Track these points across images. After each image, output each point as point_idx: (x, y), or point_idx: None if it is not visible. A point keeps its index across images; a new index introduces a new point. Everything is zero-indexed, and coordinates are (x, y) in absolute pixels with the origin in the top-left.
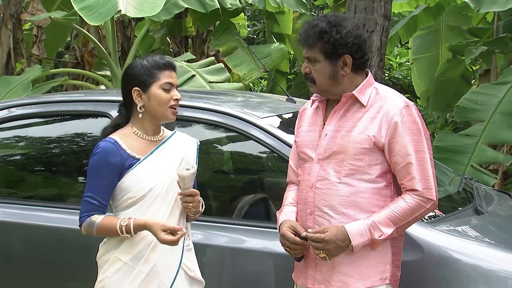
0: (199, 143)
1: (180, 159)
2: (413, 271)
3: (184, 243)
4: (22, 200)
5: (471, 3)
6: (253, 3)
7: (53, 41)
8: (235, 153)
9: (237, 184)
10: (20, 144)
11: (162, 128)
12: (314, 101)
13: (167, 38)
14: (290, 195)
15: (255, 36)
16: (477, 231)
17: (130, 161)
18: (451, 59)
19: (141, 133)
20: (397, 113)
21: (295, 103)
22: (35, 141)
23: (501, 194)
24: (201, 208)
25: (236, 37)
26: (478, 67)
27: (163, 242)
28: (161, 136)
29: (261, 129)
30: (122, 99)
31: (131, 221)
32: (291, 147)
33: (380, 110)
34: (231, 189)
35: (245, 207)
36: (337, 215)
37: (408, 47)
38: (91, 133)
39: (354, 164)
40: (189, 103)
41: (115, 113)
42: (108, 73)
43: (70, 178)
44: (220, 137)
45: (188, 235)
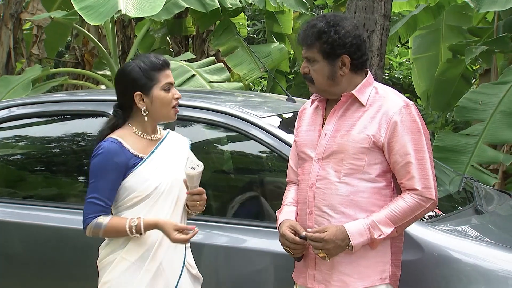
0: (199, 143)
1: (177, 157)
2: (413, 271)
3: None
4: (22, 199)
5: (471, 3)
6: (253, 3)
7: (53, 40)
8: (235, 152)
9: (237, 183)
10: (20, 143)
11: (158, 127)
12: (314, 101)
13: (167, 37)
14: (289, 195)
15: (255, 35)
16: (477, 230)
17: (134, 161)
18: (451, 59)
19: (141, 133)
20: (396, 112)
21: (295, 102)
22: (35, 140)
23: (501, 193)
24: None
25: (236, 37)
26: (478, 66)
27: (175, 241)
28: (159, 135)
29: (261, 128)
30: (117, 100)
31: (141, 221)
32: (291, 146)
33: (379, 109)
34: (231, 188)
35: (235, 206)
36: (336, 215)
37: (408, 47)
38: (91, 133)
39: (353, 163)
40: (189, 102)
41: None
42: (108, 72)
43: (70, 177)
44: (220, 136)
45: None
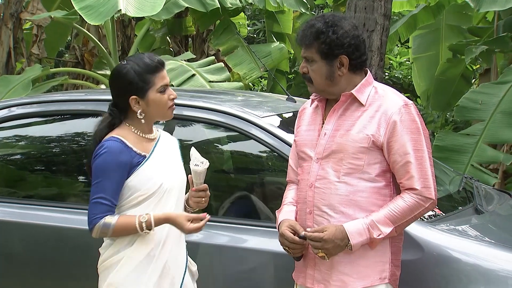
0: (200, 143)
1: (173, 155)
2: (413, 271)
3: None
4: (22, 199)
5: (471, 3)
6: (253, 3)
7: (53, 40)
8: (235, 152)
9: (237, 183)
10: (20, 143)
11: (154, 126)
12: (313, 100)
13: (167, 37)
14: (289, 195)
15: (255, 35)
16: (477, 230)
17: (137, 159)
18: (451, 59)
19: (140, 132)
20: (396, 112)
21: (295, 102)
22: (35, 140)
23: (501, 193)
24: None
25: (236, 37)
26: (478, 66)
27: (190, 231)
28: (155, 134)
29: (261, 128)
30: (112, 99)
31: (151, 216)
32: (291, 146)
33: (379, 109)
34: (230, 188)
35: (226, 205)
36: (336, 214)
37: (408, 46)
38: (91, 133)
39: (353, 163)
40: (189, 102)
41: None
42: (108, 72)
43: (70, 177)
44: (220, 136)
45: None
